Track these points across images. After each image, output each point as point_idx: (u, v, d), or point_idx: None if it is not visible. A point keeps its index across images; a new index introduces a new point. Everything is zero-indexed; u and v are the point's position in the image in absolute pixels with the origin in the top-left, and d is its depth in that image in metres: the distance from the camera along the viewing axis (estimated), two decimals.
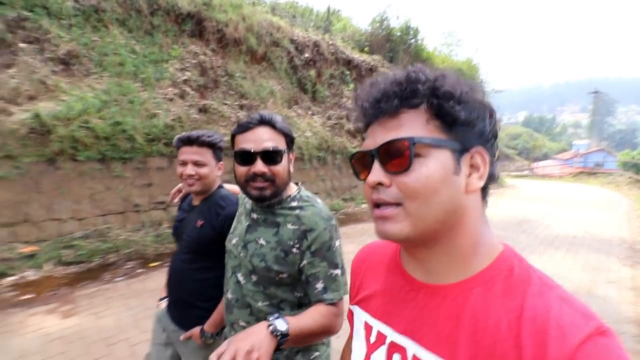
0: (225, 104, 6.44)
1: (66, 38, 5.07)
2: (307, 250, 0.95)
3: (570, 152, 43.13)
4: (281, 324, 0.79)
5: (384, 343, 0.55)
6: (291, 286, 0.99)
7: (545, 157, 50.36)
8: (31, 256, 3.87)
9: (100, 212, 4.50)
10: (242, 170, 0.98)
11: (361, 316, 0.62)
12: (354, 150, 0.74)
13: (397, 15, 15.61)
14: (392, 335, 0.54)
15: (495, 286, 0.46)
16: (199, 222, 1.33)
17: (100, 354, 2.39)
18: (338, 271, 0.98)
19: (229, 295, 1.06)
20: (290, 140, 1.03)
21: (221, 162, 1.41)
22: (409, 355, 0.50)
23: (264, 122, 0.98)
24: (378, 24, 13.94)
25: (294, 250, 0.96)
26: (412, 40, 14.35)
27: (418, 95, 0.47)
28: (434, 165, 0.45)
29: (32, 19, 4.86)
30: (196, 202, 1.43)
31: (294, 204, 1.02)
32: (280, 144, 0.99)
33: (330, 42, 10.23)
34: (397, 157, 0.46)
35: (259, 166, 0.95)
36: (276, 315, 0.82)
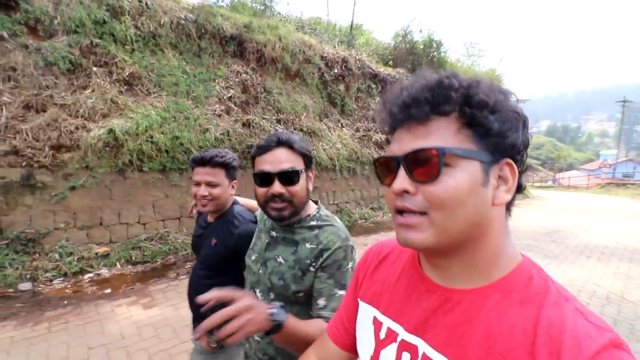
0: (265, 119, 6.94)
1: (129, 61, 5.71)
2: (319, 267, 0.96)
3: (597, 162, 41.66)
4: (281, 314, 0.78)
5: (394, 341, 0.54)
6: (307, 305, 0.99)
7: (570, 167, 48.87)
8: (105, 256, 4.39)
9: (161, 217, 5.01)
10: (261, 191, 1.00)
11: (369, 311, 0.62)
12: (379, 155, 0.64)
13: (420, 29, 15.86)
14: (403, 334, 0.54)
15: (513, 294, 0.46)
16: (214, 241, 1.35)
17: (188, 337, 2.78)
18: (342, 292, 0.95)
19: None
20: (308, 160, 1.04)
21: (235, 181, 1.43)
22: (419, 354, 0.50)
23: (282, 143, 1.00)
24: (401, 38, 14.35)
25: (311, 269, 0.96)
26: (435, 53, 14.65)
27: (450, 102, 0.45)
28: (462, 177, 0.44)
29: (102, 45, 5.52)
30: (211, 219, 1.46)
31: (313, 223, 1.03)
32: (297, 164, 1.00)
33: (357, 57, 10.68)
34: (425, 166, 0.45)
35: (277, 187, 0.96)
36: (280, 304, 0.82)
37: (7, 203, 3.94)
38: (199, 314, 1.35)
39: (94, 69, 5.26)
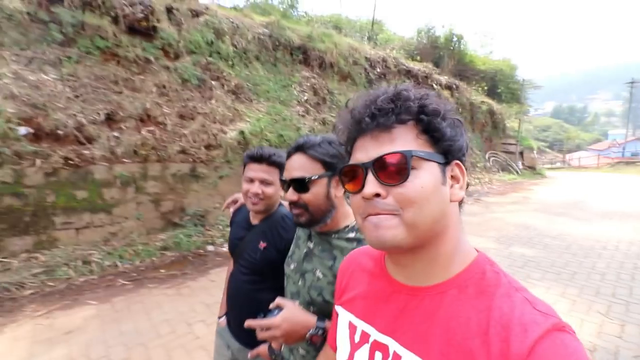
0: (333, 116, 8.27)
1: (233, 74, 7.04)
2: None
3: (605, 142, 42.44)
4: (316, 339, 0.83)
5: (367, 342, 0.58)
6: None
7: (578, 148, 49.56)
8: None
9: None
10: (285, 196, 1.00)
11: (345, 316, 0.65)
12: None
13: (442, 24, 16.90)
14: (375, 335, 0.57)
15: (468, 289, 0.50)
16: (262, 244, 1.30)
17: None
18: None
19: None
20: (328, 165, 0.95)
21: None
22: (390, 353, 0.53)
23: (297, 149, 0.97)
24: (424, 33, 15.45)
25: None
26: (456, 46, 15.75)
27: (409, 111, 0.50)
28: (426, 177, 0.49)
29: (213, 62, 6.84)
30: (255, 220, 1.39)
31: (352, 235, 0.96)
32: (311, 171, 0.93)
33: (393, 56, 11.89)
34: (394, 169, 0.49)
35: (289, 194, 0.96)
36: (320, 331, 0.84)
37: (184, 189, 5.35)
38: (240, 320, 1.26)
39: (213, 82, 6.60)
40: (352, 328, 0.62)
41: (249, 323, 0.87)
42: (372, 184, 0.50)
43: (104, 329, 2.95)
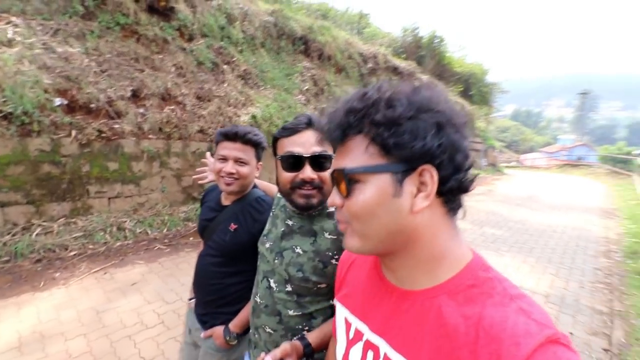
0: None
1: (242, 60, 7.37)
2: None
3: (556, 145, 46.86)
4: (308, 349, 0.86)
5: (361, 339, 0.58)
6: (327, 296, 0.93)
7: (531, 150, 54.27)
8: None
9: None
10: (288, 176, 0.91)
11: (342, 311, 0.66)
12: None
13: (426, 25, 17.64)
14: (368, 334, 0.57)
15: (459, 295, 0.48)
16: (232, 226, 1.24)
17: None
18: None
19: (258, 299, 1.01)
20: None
21: (260, 163, 1.31)
22: (381, 353, 0.53)
23: (312, 125, 0.91)
24: (410, 32, 16.29)
25: (333, 261, 0.91)
26: (437, 47, 16.79)
27: (352, 126, 0.50)
28: (370, 191, 0.48)
29: (224, 46, 7.13)
30: (227, 201, 1.33)
31: (332, 209, 0.95)
32: (329, 148, 0.86)
33: (383, 53, 12.60)
34: (341, 184, 0.51)
35: (308, 172, 0.89)
36: (300, 337, 0.88)
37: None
38: (207, 303, 1.29)
39: (224, 66, 6.92)
40: (348, 324, 0.63)
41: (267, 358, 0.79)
42: (332, 195, 0.54)
43: (165, 281, 3.46)
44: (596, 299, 3.48)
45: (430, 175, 0.47)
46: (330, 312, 0.94)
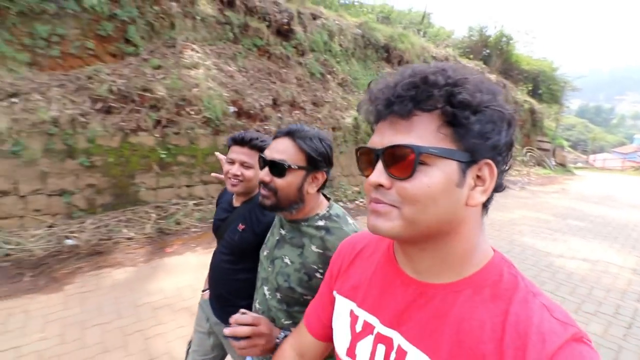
0: None
1: (339, 69, 8.64)
2: None
3: (631, 146, 42.63)
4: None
5: (371, 333, 0.56)
6: None
7: (601, 150, 49.65)
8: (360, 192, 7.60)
9: (355, 182, 8.09)
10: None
11: (346, 304, 0.63)
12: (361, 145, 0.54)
13: (494, 24, 17.62)
14: (379, 327, 0.55)
15: (484, 290, 0.47)
16: (241, 226, 1.32)
17: None
18: None
19: (257, 305, 1.06)
20: (313, 161, 0.94)
21: None
22: (395, 346, 0.52)
23: (288, 134, 0.95)
24: (476, 31, 16.52)
25: (317, 275, 0.92)
26: (504, 45, 16.81)
27: (432, 100, 0.45)
28: (437, 176, 0.45)
29: (327, 59, 8.45)
30: (237, 203, 1.42)
31: (321, 223, 0.97)
32: (293, 159, 0.92)
33: (452, 54, 13.20)
34: (401, 162, 0.46)
35: (263, 174, 0.95)
36: (285, 333, 0.86)
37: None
38: (222, 299, 1.37)
39: (328, 76, 8.24)
40: (354, 317, 0.60)
41: (233, 330, 0.81)
42: (378, 173, 0.48)
43: None
44: None
45: (491, 171, 0.47)
46: None
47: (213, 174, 1.67)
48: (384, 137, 0.48)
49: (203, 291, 1.57)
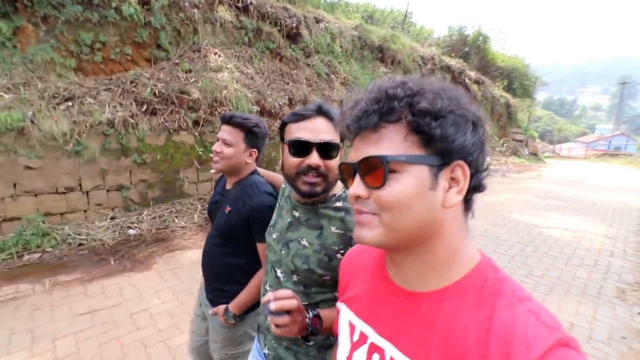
0: None
1: (341, 69, 9.30)
2: None
3: (593, 135, 46.11)
4: (314, 327, 0.84)
5: (365, 342, 0.57)
6: (333, 287, 0.92)
7: (566, 140, 53.31)
8: None
9: None
10: (293, 161, 0.91)
11: (346, 314, 0.65)
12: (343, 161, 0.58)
13: (472, 24, 18.61)
14: (373, 336, 0.56)
15: (468, 297, 0.48)
16: (227, 208, 1.33)
17: None
18: None
19: (268, 288, 1.05)
20: (342, 136, 0.91)
21: (254, 149, 1.36)
22: (387, 356, 0.53)
23: (323, 112, 0.91)
24: (456, 31, 17.63)
25: (339, 255, 0.91)
26: (481, 44, 18.03)
27: (394, 112, 0.48)
28: (408, 181, 0.47)
29: (330, 60, 9.08)
30: (229, 185, 1.42)
31: (339, 204, 0.96)
32: (336, 137, 0.90)
33: (437, 53, 14.17)
34: (374, 172, 0.48)
35: (314, 158, 0.88)
36: (314, 313, 0.85)
37: None
38: (211, 281, 1.38)
39: (332, 76, 8.88)
40: (352, 327, 0.62)
41: (275, 294, 0.76)
42: (355, 186, 0.51)
43: None
44: (639, 237, 5.22)
45: (463, 171, 0.49)
46: (335, 303, 0.95)
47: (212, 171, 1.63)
48: (358, 151, 0.51)
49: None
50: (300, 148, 0.89)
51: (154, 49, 5.86)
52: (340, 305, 0.68)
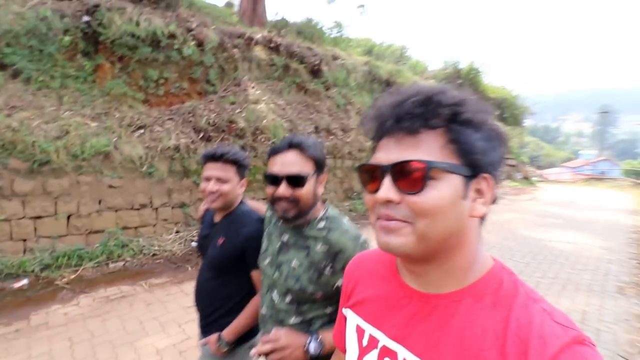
0: None
1: (356, 101, 10.30)
2: (340, 269, 0.97)
3: (579, 160, 48.24)
4: (314, 347, 0.91)
5: (376, 347, 0.57)
6: (324, 303, 1.03)
7: (552, 165, 55.49)
8: None
9: None
10: (269, 191, 1.04)
11: (354, 319, 0.65)
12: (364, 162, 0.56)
13: (465, 58, 20.20)
14: (384, 340, 0.56)
15: (485, 298, 0.49)
16: (220, 240, 1.35)
17: None
18: None
19: (263, 311, 1.12)
20: (319, 164, 1.05)
21: (244, 180, 1.41)
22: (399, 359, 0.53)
23: (293, 146, 1.02)
24: (451, 65, 19.19)
25: (326, 271, 1.00)
26: (474, 77, 19.57)
27: (439, 118, 0.47)
28: (445, 189, 0.47)
29: (347, 92, 10.07)
30: (217, 218, 1.44)
31: (322, 224, 1.05)
32: (306, 168, 1.01)
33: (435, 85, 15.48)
34: (411, 177, 0.47)
35: (281, 190, 1.00)
36: (314, 337, 0.93)
37: (352, 177, 8.55)
38: (207, 316, 1.39)
39: (348, 106, 9.85)
40: (360, 332, 0.62)
41: (258, 349, 0.92)
42: (387, 189, 0.49)
43: None
44: (630, 248, 6.00)
45: (489, 184, 0.50)
46: (327, 319, 1.03)
47: (202, 208, 1.67)
48: (389, 153, 0.50)
49: None
50: (272, 180, 1.02)
51: (204, 83, 6.70)
52: (347, 311, 0.68)
